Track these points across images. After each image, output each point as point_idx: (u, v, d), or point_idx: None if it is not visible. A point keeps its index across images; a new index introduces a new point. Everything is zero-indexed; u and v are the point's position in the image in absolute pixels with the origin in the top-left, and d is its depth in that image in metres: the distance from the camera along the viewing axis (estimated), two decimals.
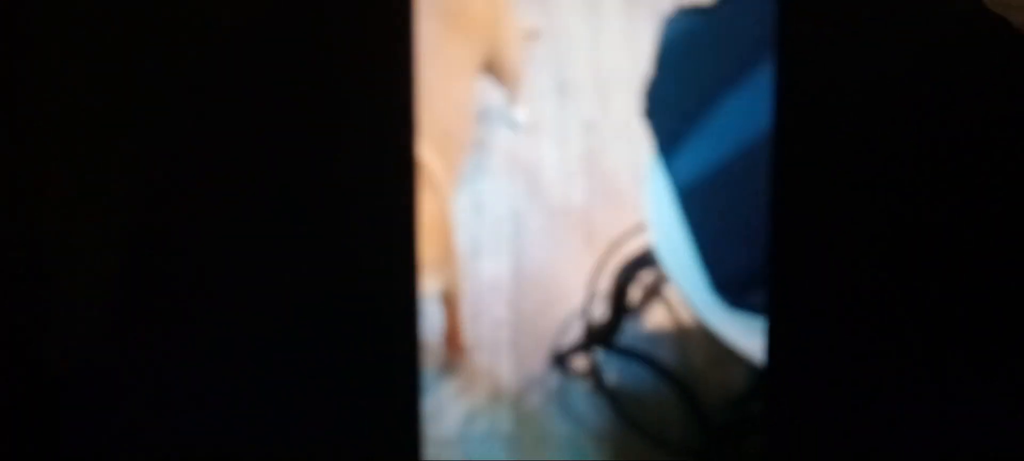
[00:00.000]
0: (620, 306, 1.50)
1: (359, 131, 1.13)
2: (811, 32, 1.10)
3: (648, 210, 1.38)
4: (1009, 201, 1.13)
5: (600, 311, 1.51)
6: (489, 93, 1.55)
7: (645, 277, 1.52)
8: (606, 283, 1.50)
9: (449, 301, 1.46)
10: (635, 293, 1.52)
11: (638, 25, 1.51)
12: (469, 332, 1.51)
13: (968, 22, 1.04)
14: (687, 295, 1.33)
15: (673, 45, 1.33)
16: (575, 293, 1.50)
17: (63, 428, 1.15)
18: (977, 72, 1.08)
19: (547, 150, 1.54)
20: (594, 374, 1.49)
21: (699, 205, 1.31)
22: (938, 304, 1.14)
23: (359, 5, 1.10)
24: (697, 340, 1.48)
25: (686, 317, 1.50)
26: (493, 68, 1.54)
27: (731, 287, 1.30)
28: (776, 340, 1.18)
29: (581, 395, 1.46)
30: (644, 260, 1.50)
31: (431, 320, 1.46)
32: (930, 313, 1.14)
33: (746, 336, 1.29)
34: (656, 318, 1.50)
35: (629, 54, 1.54)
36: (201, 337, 1.13)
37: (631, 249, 1.51)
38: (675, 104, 1.33)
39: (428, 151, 1.38)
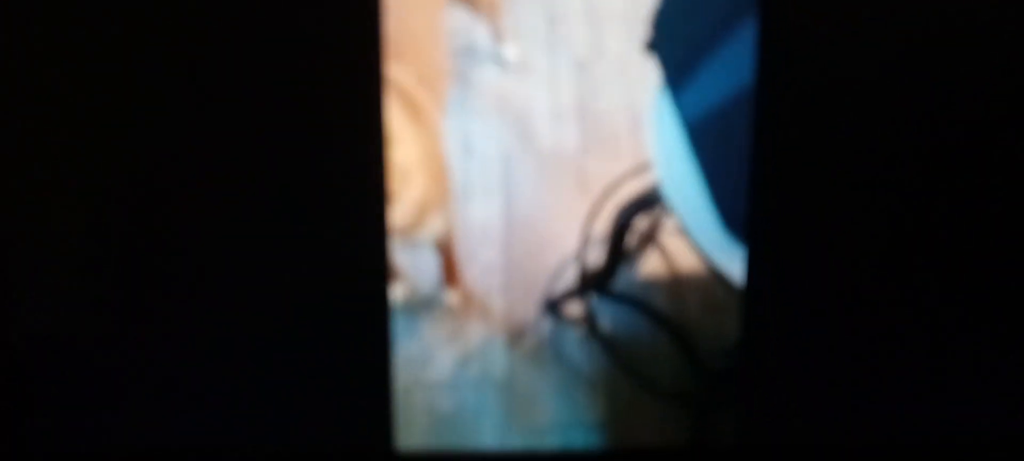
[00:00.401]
0: (617, 251, 1.48)
1: (329, 108, 1.11)
2: None
3: (653, 146, 1.36)
4: (991, 160, 1.13)
5: (594, 256, 1.49)
6: (476, 30, 1.51)
7: (640, 223, 1.50)
8: (600, 228, 1.48)
9: (446, 242, 1.43)
10: (630, 239, 1.50)
11: None
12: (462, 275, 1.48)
13: None
14: (694, 233, 1.32)
15: None
16: (568, 238, 1.48)
17: (30, 418, 1.16)
18: (960, 39, 1.09)
19: (538, 90, 1.51)
20: (588, 320, 1.47)
21: (710, 139, 1.29)
22: (918, 273, 1.15)
23: None
24: (692, 287, 1.46)
25: (682, 263, 1.48)
26: None
27: (743, 222, 1.28)
28: (753, 309, 1.18)
29: (574, 341, 1.45)
30: (641, 204, 1.47)
31: (425, 265, 1.43)
32: (911, 282, 1.15)
33: None
34: (651, 265, 1.48)
35: None
36: (171, 321, 1.14)
37: (626, 194, 1.49)
38: (685, 35, 1.31)
39: (417, 87, 1.34)
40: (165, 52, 1.09)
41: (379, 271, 1.19)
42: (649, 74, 1.42)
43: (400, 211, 1.35)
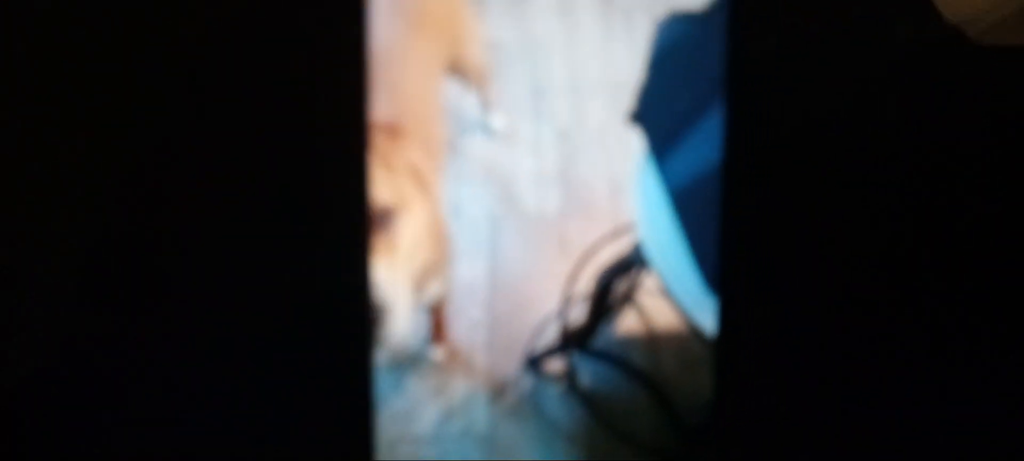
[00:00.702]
0: (598, 310, 1.53)
1: (312, 123, 1.11)
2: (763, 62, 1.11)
3: (637, 210, 1.40)
4: (956, 223, 1.15)
5: (575, 315, 1.53)
6: (465, 100, 1.57)
7: (619, 283, 1.55)
8: (581, 288, 1.53)
9: (438, 303, 1.48)
10: (610, 299, 1.55)
11: (613, 33, 1.53)
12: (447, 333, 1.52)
13: (918, 45, 1.10)
14: (676, 292, 1.36)
15: (666, 50, 1.35)
16: (549, 297, 1.52)
17: (21, 429, 1.15)
18: (928, 91, 1.11)
19: (522, 157, 1.56)
20: (568, 376, 1.51)
21: (694, 204, 1.34)
22: (889, 326, 1.16)
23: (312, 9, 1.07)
24: (669, 344, 1.50)
25: (659, 322, 1.52)
26: (458, 68, 1.56)
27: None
28: (725, 364, 1.20)
29: (555, 397, 1.48)
30: (621, 266, 1.52)
31: (413, 323, 1.47)
32: (883, 336, 1.16)
33: None
34: (629, 323, 1.53)
35: (604, 62, 1.56)
36: (155, 332, 1.13)
37: (606, 256, 1.54)
38: (669, 107, 1.36)
39: (418, 154, 1.39)
40: (137, 111, 1.11)
41: (363, 329, 1.21)
42: (628, 143, 1.47)
43: (408, 279, 1.40)
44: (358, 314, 1.17)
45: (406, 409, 1.45)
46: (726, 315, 1.19)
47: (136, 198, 1.12)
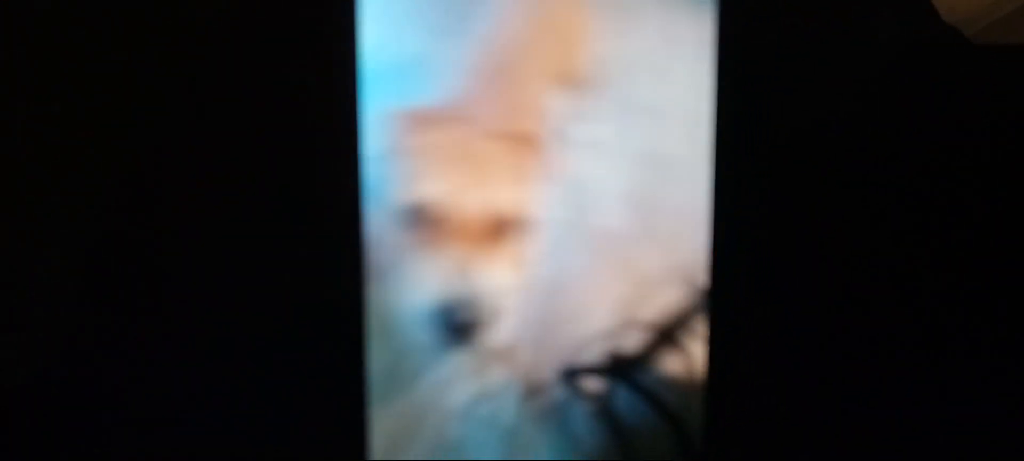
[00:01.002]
0: (656, 345, 1.51)
1: (308, 132, 1.12)
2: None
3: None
4: (939, 253, 1.17)
5: (628, 341, 1.51)
6: (557, 105, 1.44)
7: (682, 325, 1.51)
8: (640, 314, 1.50)
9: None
10: (668, 338, 1.52)
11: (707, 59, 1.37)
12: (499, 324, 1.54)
13: (914, 45, 1.08)
14: None
15: None
16: (601, 315, 1.51)
17: (21, 429, 1.20)
18: (925, 91, 1.11)
19: (601, 171, 1.46)
20: (603, 399, 1.53)
21: None
22: (886, 316, 1.20)
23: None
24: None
25: (699, 370, 1.51)
26: (564, 77, 1.45)
27: None
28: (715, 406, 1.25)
29: (584, 414, 1.53)
30: (693, 310, 1.48)
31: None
32: (881, 326, 1.20)
33: None
34: (675, 365, 1.51)
35: (697, 87, 1.40)
36: (156, 332, 1.17)
37: (674, 292, 1.49)
38: None
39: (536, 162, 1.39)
40: (155, 94, 1.11)
41: (359, 331, 1.26)
42: (707, 175, 1.40)
43: (527, 289, 1.43)
44: (355, 315, 1.22)
45: (443, 381, 1.53)
46: (719, 315, 1.23)
47: (136, 198, 1.14)
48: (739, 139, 1.12)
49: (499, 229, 1.44)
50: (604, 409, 1.47)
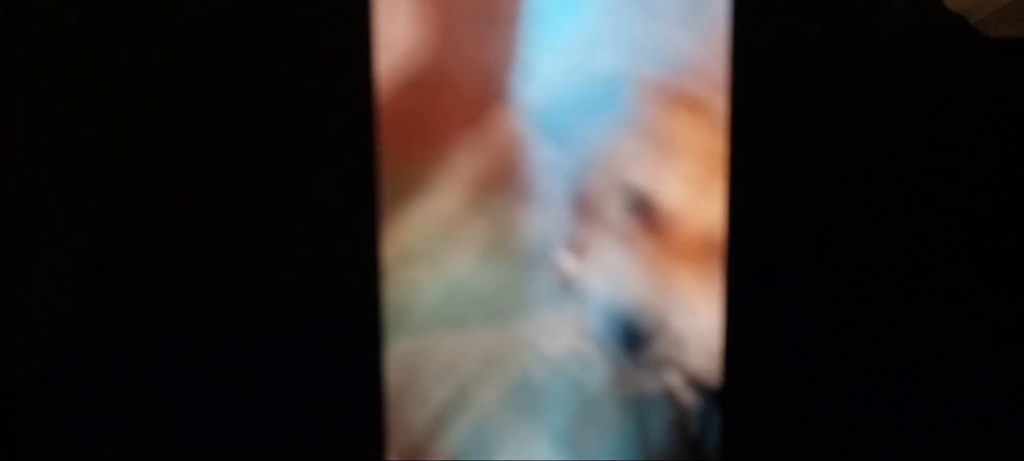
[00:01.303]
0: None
1: (321, 124, 1.11)
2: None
3: None
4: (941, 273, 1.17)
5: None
6: None
7: None
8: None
9: None
10: None
11: None
12: None
13: (920, 35, 1.10)
14: None
15: None
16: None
17: (21, 429, 1.22)
18: (931, 84, 1.13)
19: None
20: (681, 420, 1.45)
21: None
22: (890, 313, 1.19)
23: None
24: None
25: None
26: None
27: None
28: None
29: (660, 428, 1.45)
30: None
31: None
32: (885, 324, 1.19)
33: None
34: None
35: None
36: (157, 332, 1.18)
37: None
38: None
39: None
40: (161, 90, 1.10)
41: (374, 331, 1.27)
42: None
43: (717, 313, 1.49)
44: (370, 315, 1.27)
45: (544, 325, 1.49)
46: (729, 317, 1.28)
47: (136, 198, 1.15)
48: (758, 137, 1.09)
49: None
50: (682, 426, 1.37)
